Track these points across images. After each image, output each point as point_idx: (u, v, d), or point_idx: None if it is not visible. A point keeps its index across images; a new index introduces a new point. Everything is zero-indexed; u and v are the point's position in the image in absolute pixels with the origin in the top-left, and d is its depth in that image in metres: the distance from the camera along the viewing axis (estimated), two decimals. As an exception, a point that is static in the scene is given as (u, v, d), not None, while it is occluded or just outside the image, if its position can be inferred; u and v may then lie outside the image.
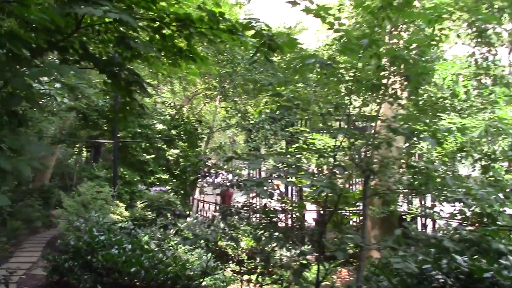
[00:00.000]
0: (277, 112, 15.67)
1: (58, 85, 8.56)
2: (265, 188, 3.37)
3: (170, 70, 8.13)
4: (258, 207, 4.96)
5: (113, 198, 12.14)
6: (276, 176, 3.94)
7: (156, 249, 6.04)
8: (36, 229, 13.38)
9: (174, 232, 4.64)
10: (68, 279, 6.95)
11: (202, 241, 3.94)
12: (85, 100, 12.58)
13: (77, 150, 16.45)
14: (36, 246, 11.12)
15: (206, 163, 4.38)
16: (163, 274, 5.86)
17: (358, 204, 6.64)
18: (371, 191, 5.15)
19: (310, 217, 11.96)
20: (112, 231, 7.92)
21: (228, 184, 4.71)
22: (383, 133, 4.49)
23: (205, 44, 11.61)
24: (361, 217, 7.80)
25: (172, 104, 18.31)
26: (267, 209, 4.64)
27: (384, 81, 4.51)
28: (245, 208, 4.59)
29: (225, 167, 5.08)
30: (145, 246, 7.16)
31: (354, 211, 10.65)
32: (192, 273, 6.40)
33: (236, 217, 4.78)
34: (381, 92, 4.44)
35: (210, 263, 5.70)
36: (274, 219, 4.54)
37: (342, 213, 7.06)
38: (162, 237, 5.24)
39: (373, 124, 4.75)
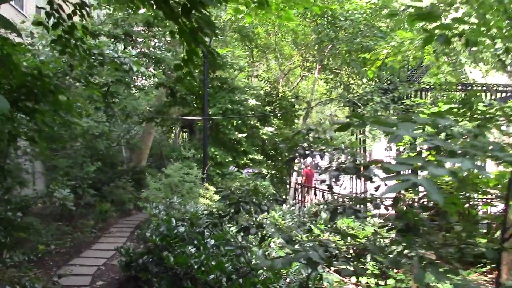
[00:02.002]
0: (387, 84, 13.54)
1: (134, 52, 7.48)
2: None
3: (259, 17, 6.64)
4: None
5: (203, 180, 11.08)
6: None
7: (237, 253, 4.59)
8: (127, 211, 12.87)
9: (259, 239, 3.13)
10: (141, 277, 5.85)
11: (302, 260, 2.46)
12: (172, 74, 11.62)
13: (167, 129, 15.74)
14: (124, 231, 10.41)
15: (307, 136, 2.98)
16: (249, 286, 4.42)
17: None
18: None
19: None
20: (195, 220, 6.70)
21: (339, 166, 3.08)
22: None
23: None
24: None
25: (266, 79, 16.87)
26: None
27: None
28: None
29: (333, 141, 3.45)
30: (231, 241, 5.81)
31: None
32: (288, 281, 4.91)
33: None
34: None
35: (312, 274, 4.17)
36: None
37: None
38: (242, 243, 3.74)
39: None
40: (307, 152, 3.14)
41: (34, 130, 4.97)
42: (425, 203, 2.87)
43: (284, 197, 12.62)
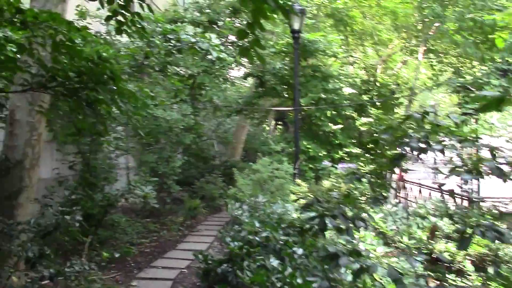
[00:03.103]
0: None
1: (213, 36, 6.82)
2: None
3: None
4: None
5: (295, 176, 10.23)
6: None
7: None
8: (217, 208, 12.46)
9: (353, 274, 2.18)
10: (221, 289, 5.16)
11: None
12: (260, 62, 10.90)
13: (258, 122, 15.12)
14: (212, 230, 9.92)
15: (421, 124, 2.06)
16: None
17: None
18: None
19: None
20: (280, 223, 5.88)
21: (474, 166, 2.05)
22: None
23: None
24: None
25: (363, 66, 15.53)
26: None
27: None
28: None
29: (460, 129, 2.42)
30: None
31: None
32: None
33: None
34: None
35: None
36: None
37: None
38: (330, 273, 2.76)
39: None
40: (422, 144, 2.15)
41: (100, 123, 4.45)
42: None
43: (384, 194, 11.31)
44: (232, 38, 12.02)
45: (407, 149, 2.30)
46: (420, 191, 11.29)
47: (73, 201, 6.34)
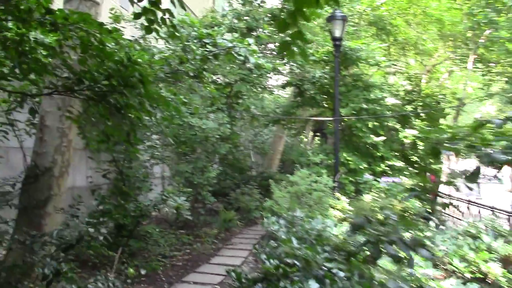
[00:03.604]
0: None
1: (252, 41, 6.51)
2: None
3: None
4: None
5: (334, 189, 9.76)
6: None
7: None
8: (253, 220, 12.10)
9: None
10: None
11: None
12: (299, 69, 10.53)
13: (296, 132, 14.70)
14: (247, 243, 9.54)
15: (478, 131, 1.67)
16: None
17: None
18: None
19: None
20: (320, 242, 5.45)
21: None
22: None
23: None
24: None
25: (407, 76, 14.88)
26: None
27: None
28: None
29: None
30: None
31: None
32: None
33: None
34: None
35: None
36: None
37: None
38: None
39: None
40: (506, 156, 1.72)
41: (130, 130, 4.19)
42: None
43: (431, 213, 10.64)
44: (271, 46, 11.75)
45: (483, 160, 1.87)
46: (468, 208, 10.56)
47: (102, 212, 6.12)
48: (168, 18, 3.41)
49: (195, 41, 5.75)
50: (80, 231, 3.57)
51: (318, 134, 20.80)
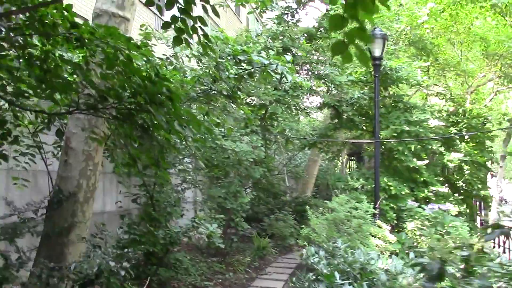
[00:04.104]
0: None
1: (289, 58, 6.14)
2: None
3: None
4: None
5: (374, 217, 9.13)
6: None
7: None
8: (288, 248, 11.54)
9: None
10: None
11: None
12: (337, 90, 10.07)
13: (332, 156, 14.12)
14: (282, 273, 9.00)
15: None
16: None
17: None
18: None
19: None
20: (365, 275, 4.92)
21: None
22: None
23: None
24: None
25: (449, 97, 14.16)
26: None
27: None
28: None
29: None
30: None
31: None
32: None
33: None
34: None
35: None
36: None
37: None
38: None
39: None
40: None
41: (158, 152, 3.83)
42: None
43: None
44: (307, 67, 11.38)
45: None
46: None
47: (128, 241, 5.77)
48: (200, 26, 3.06)
49: (229, 58, 5.43)
50: (100, 265, 3.21)
51: (353, 158, 20.12)
